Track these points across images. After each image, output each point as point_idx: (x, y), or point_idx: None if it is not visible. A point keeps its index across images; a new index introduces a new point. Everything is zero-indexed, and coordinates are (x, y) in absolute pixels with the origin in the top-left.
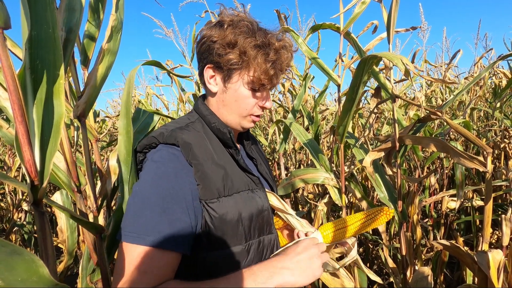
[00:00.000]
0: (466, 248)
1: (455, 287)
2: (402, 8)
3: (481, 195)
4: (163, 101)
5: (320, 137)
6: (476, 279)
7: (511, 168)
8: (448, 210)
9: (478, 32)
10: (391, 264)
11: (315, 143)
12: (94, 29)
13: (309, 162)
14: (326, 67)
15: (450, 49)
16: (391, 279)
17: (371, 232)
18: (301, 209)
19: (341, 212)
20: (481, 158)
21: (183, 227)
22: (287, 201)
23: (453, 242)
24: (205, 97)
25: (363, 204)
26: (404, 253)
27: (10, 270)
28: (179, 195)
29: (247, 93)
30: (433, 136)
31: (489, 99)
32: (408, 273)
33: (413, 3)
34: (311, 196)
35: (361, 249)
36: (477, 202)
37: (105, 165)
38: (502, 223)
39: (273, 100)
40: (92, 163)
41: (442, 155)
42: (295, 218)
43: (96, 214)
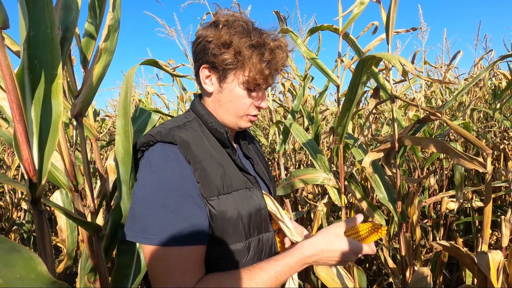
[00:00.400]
0: (466, 249)
1: (454, 287)
2: (401, 9)
3: (480, 196)
4: (164, 100)
5: (320, 137)
6: (476, 280)
7: (510, 169)
8: (448, 211)
9: (478, 33)
10: (390, 265)
11: (314, 144)
12: (93, 28)
13: (308, 162)
14: (325, 68)
15: (450, 50)
16: (391, 280)
17: None
18: (300, 210)
19: (340, 213)
20: (480, 159)
21: (201, 220)
22: (286, 201)
23: (453, 243)
24: (201, 96)
25: (363, 204)
26: (403, 253)
27: (8, 267)
28: (188, 191)
29: (242, 93)
30: (432, 137)
31: (489, 100)
32: (408, 273)
33: (412, 4)
34: (310, 196)
35: None
36: (476, 203)
37: (104, 164)
38: (501, 224)
39: (273, 100)
40: (91, 162)
41: (442, 156)
42: (285, 225)
43: (94, 211)
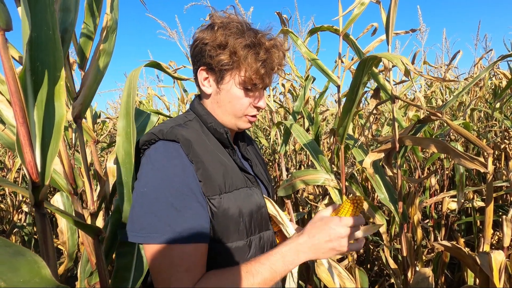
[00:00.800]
0: (467, 249)
1: None
2: (400, 10)
3: (481, 196)
4: (165, 102)
5: (320, 138)
6: (478, 280)
7: (511, 168)
8: (449, 211)
9: (478, 33)
10: (392, 265)
11: (315, 144)
12: (91, 30)
13: (309, 163)
14: (326, 69)
15: (450, 50)
16: (392, 280)
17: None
18: (301, 211)
19: None
20: (481, 159)
21: (203, 218)
22: (287, 202)
23: (455, 243)
24: (201, 98)
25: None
26: (405, 254)
27: (13, 271)
28: (191, 189)
29: (240, 93)
30: (433, 137)
31: (489, 100)
32: (409, 274)
33: (412, 4)
34: (311, 197)
35: (361, 250)
36: (477, 203)
37: (104, 167)
38: (503, 224)
39: (273, 100)
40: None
41: (442, 156)
42: (286, 229)
43: (93, 213)
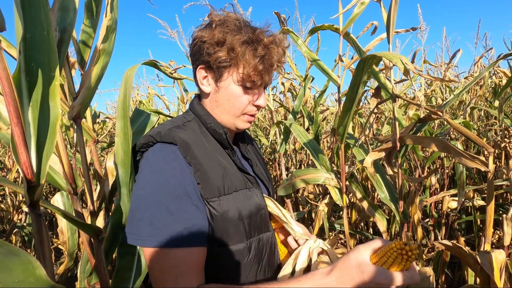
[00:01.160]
0: (467, 248)
1: (456, 287)
2: (400, 8)
3: (482, 194)
4: (165, 101)
5: (320, 137)
6: (478, 279)
7: (511, 167)
8: (449, 210)
9: (478, 32)
10: None
11: (315, 144)
12: (90, 29)
13: (309, 162)
14: (326, 68)
15: (450, 48)
16: None
17: (372, 232)
18: (301, 210)
19: (341, 213)
20: (482, 158)
21: (199, 222)
22: (287, 201)
23: (455, 242)
24: (200, 97)
25: (364, 204)
26: None
27: (6, 271)
28: (187, 191)
29: (238, 91)
30: (433, 136)
31: (489, 99)
32: None
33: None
34: (311, 196)
35: None
36: (478, 202)
37: (104, 167)
38: (503, 223)
39: (273, 100)
40: (90, 164)
41: (443, 154)
42: (290, 227)
43: (93, 213)
